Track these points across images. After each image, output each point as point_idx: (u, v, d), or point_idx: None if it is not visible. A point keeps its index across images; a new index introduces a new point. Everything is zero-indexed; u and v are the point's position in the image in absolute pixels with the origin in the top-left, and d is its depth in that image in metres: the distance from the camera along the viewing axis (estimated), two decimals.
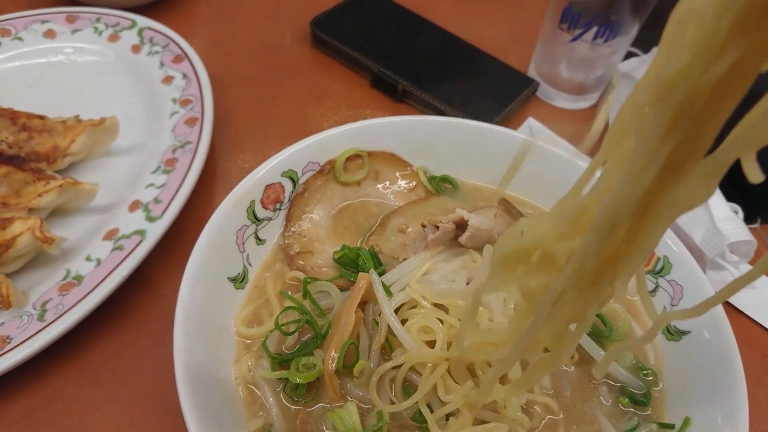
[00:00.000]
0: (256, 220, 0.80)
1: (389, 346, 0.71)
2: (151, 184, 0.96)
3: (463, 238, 0.77)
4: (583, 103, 1.25)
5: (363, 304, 0.73)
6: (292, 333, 0.71)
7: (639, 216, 0.36)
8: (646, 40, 1.22)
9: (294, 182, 0.84)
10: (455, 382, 0.66)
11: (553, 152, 0.89)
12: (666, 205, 0.34)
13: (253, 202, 0.79)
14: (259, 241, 0.81)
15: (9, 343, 0.78)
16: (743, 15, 0.27)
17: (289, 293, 0.75)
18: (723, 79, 0.29)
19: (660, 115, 0.31)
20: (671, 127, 0.31)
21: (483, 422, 0.65)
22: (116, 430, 0.78)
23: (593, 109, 1.25)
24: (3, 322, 0.81)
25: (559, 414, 0.70)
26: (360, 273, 0.73)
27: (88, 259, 0.87)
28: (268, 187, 0.81)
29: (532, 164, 0.89)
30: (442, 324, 0.70)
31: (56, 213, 0.95)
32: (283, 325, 0.71)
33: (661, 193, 0.34)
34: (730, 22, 0.27)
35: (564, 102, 1.25)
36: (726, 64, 0.28)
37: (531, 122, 1.17)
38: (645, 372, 0.75)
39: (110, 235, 0.90)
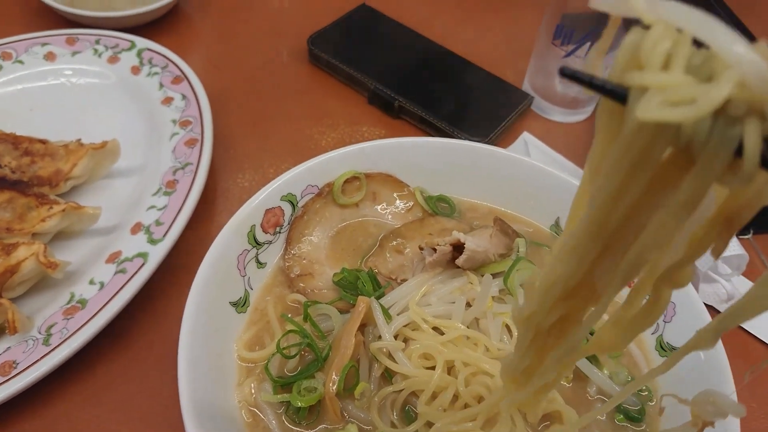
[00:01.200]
0: (257, 244, 0.81)
1: (388, 373, 0.72)
2: (153, 206, 0.97)
3: (460, 261, 0.78)
4: (578, 116, 1.27)
5: (363, 327, 0.75)
6: (294, 356, 0.73)
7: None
8: None
9: (293, 205, 0.85)
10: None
11: (548, 171, 0.91)
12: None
13: (253, 226, 0.81)
14: (260, 264, 0.82)
15: (15, 368, 0.80)
16: (561, 294, 0.43)
17: (290, 316, 0.76)
18: (560, 319, 0.45)
19: (524, 333, 0.49)
20: (534, 339, 0.48)
21: None
22: None
23: (587, 123, 1.27)
24: (9, 347, 0.83)
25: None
26: (359, 297, 0.74)
27: (91, 282, 0.89)
28: (268, 211, 0.82)
29: (527, 183, 0.91)
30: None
31: (59, 236, 0.96)
32: (284, 348, 0.73)
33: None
34: (555, 297, 0.43)
35: (558, 116, 1.26)
36: (555, 317, 0.45)
37: (526, 136, 1.19)
38: (640, 389, 0.76)
39: (113, 258, 0.91)
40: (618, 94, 0.33)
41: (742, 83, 0.28)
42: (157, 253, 0.90)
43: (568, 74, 0.35)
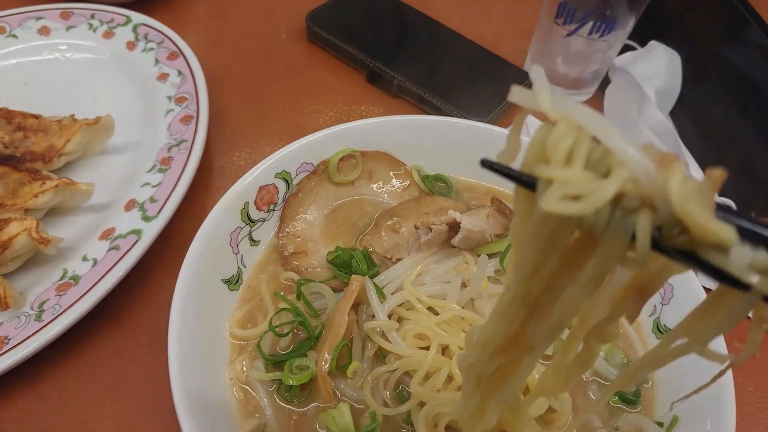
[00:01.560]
0: (250, 221, 0.80)
1: (381, 353, 0.72)
2: (147, 183, 0.96)
3: (456, 240, 0.77)
4: (579, 97, 1.25)
5: (356, 306, 0.74)
6: (286, 334, 0.72)
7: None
8: (643, 34, 1.22)
9: (288, 183, 0.84)
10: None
11: None
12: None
13: (246, 203, 0.80)
14: (253, 242, 0.81)
15: (7, 343, 0.79)
16: (497, 347, 0.46)
17: (283, 294, 0.76)
18: (497, 370, 0.49)
19: (468, 379, 0.52)
20: (476, 384, 0.51)
21: None
22: (115, 427, 0.79)
23: (589, 103, 1.25)
24: (1, 323, 0.82)
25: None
26: (353, 275, 0.73)
27: (84, 259, 0.88)
28: (261, 188, 0.81)
29: None
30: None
31: (52, 212, 0.96)
32: (277, 326, 0.72)
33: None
34: (491, 349, 0.47)
35: (563, 94, 1.25)
36: (493, 367, 0.48)
37: (528, 118, 1.17)
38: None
39: (106, 234, 0.90)
40: (530, 184, 0.37)
41: (633, 180, 0.32)
42: (150, 231, 0.89)
43: (487, 165, 0.39)
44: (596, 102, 1.24)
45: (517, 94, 0.36)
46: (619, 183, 0.32)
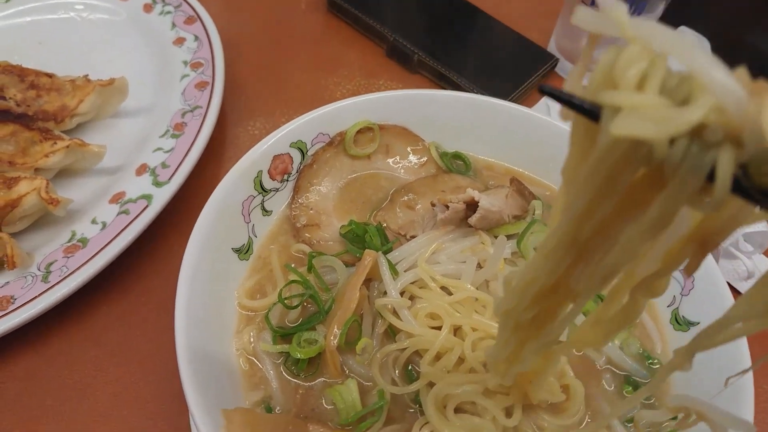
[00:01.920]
0: (263, 190, 0.78)
1: (391, 330, 0.70)
2: (159, 148, 0.95)
3: (473, 219, 0.75)
4: None
5: (368, 281, 0.72)
6: (296, 307, 0.71)
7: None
8: (672, 19, 1.18)
9: (303, 153, 0.82)
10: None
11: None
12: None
13: (260, 172, 0.78)
14: (265, 212, 0.79)
15: (13, 303, 0.78)
16: (538, 293, 0.44)
17: (294, 266, 0.74)
18: (535, 317, 0.47)
19: (504, 325, 0.50)
20: (514, 331, 0.50)
21: None
22: (119, 391, 0.79)
23: None
24: (7, 282, 0.81)
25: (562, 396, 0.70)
26: (366, 250, 0.72)
27: (93, 222, 0.87)
28: (276, 157, 0.79)
29: (548, 144, 0.87)
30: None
31: (62, 174, 0.94)
32: (286, 298, 0.71)
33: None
34: (531, 295, 0.44)
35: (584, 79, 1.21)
36: (532, 314, 0.46)
37: (548, 99, 1.14)
38: (651, 361, 0.74)
39: (116, 198, 0.89)
40: (593, 114, 0.33)
41: (719, 108, 0.28)
42: (161, 196, 0.88)
43: (546, 92, 0.36)
44: None
45: (582, 15, 0.32)
46: (704, 110, 0.28)
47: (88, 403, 0.78)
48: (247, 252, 0.76)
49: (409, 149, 0.88)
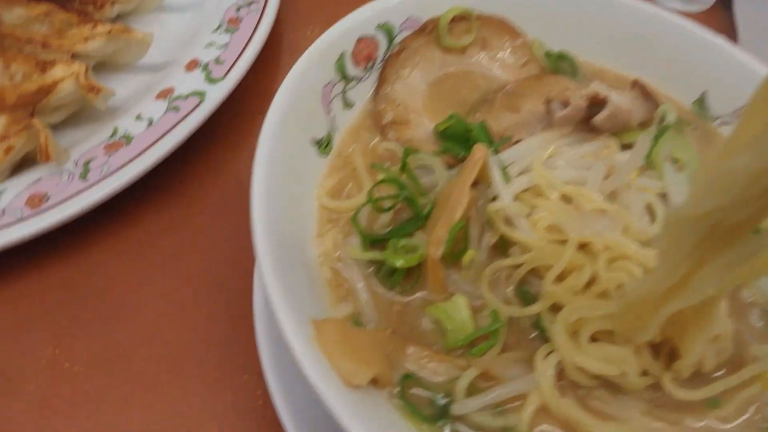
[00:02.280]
0: (345, 77, 0.66)
1: (502, 244, 0.58)
2: (212, 44, 0.83)
3: (600, 117, 0.63)
4: (695, 6, 1.09)
5: (473, 185, 0.60)
6: (389, 210, 0.58)
7: None
8: None
9: (390, 39, 0.69)
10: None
11: (699, 34, 0.73)
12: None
13: (342, 54, 0.65)
14: (347, 104, 0.67)
15: (47, 201, 0.67)
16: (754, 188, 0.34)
17: (386, 166, 0.62)
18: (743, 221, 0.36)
19: (685, 238, 0.40)
20: (698, 244, 0.39)
21: None
22: (161, 310, 0.68)
23: (706, 14, 1.09)
24: (40, 178, 0.70)
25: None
26: (476, 144, 0.59)
27: (138, 118, 0.75)
28: (360, 40, 0.67)
29: (669, 46, 0.74)
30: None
31: (102, 68, 0.82)
32: (377, 200, 0.58)
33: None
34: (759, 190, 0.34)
35: (675, 3, 1.09)
36: (737, 218, 0.36)
37: None
38: None
39: (164, 94, 0.77)
40: None
41: None
42: (216, 94, 0.76)
43: None
44: (715, 16, 1.07)
45: None
46: None
47: (130, 323, 0.67)
48: (327, 146, 0.64)
49: (508, 45, 0.75)
